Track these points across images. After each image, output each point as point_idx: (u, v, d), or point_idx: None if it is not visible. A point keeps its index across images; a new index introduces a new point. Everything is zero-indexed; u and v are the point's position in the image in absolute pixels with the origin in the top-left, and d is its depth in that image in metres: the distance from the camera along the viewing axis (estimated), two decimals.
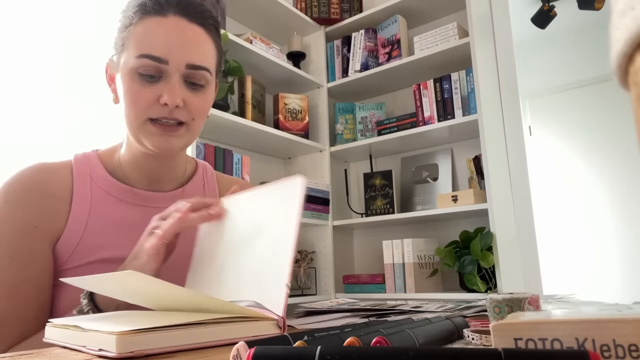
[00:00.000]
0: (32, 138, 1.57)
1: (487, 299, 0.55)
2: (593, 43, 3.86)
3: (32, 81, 1.59)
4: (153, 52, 0.70)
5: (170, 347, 0.45)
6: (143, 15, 0.72)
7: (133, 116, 0.72)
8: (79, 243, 0.74)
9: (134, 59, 0.70)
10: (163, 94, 0.70)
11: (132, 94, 0.71)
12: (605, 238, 3.72)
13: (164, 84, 0.71)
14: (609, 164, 3.75)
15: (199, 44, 0.73)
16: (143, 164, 0.79)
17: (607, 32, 0.20)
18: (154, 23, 0.71)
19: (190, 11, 0.73)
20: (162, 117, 0.72)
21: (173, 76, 0.71)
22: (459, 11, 2.35)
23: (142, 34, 0.71)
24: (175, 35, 0.71)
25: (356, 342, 0.35)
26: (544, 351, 0.28)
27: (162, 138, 0.73)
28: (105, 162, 0.81)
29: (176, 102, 0.70)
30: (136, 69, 0.70)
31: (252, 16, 2.34)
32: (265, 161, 2.48)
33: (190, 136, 0.76)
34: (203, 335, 0.47)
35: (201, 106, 0.75)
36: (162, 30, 0.71)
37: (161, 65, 0.70)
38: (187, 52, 0.71)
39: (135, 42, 0.71)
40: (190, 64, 0.72)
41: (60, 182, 0.76)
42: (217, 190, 0.90)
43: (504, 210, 1.97)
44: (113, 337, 0.42)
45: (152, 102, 0.71)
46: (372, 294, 2.22)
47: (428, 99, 2.22)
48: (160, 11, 0.71)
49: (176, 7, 0.72)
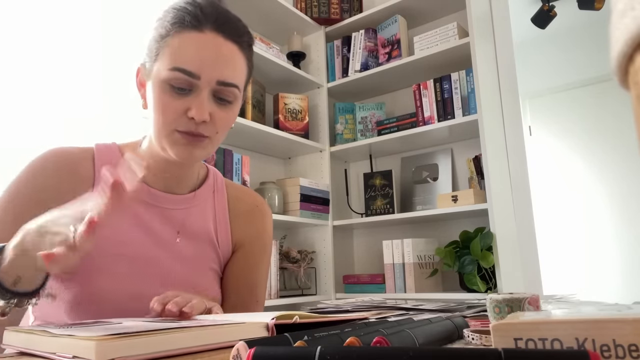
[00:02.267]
0: (31, 140, 1.57)
1: (487, 299, 0.55)
2: (593, 43, 3.86)
3: (32, 82, 1.60)
4: (186, 67, 0.71)
5: (154, 353, 0.42)
6: (180, 29, 0.73)
7: (161, 125, 0.73)
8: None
9: (167, 71, 0.71)
10: (192, 107, 0.72)
11: (161, 105, 0.73)
12: (605, 238, 3.72)
13: (193, 97, 0.72)
14: (609, 164, 3.75)
15: (232, 61, 0.74)
16: (162, 167, 0.81)
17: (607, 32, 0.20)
18: (191, 38, 0.72)
19: (227, 28, 0.74)
20: (189, 132, 0.73)
21: (203, 91, 0.72)
22: (459, 11, 2.35)
23: (177, 47, 0.72)
24: (210, 51, 0.72)
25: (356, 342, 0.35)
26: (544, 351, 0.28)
27: (185, 148, 0.74)
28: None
29: (203, 118, 0.72)
30: (168, 81, 0.72)
31: (252, 16, 2.34)
32: (265, 161, 2.48)
33: (212, 148, 0.78)
34: (188, 340, 0.44)
35: (227, 120, 0.76)
36: (198, 45, 0.72)
37: (193, 80, 0.71)
38: (219, 69, 0.72)
39: (170, 54, 0.72)
40: (221, 81, 0.73)
41: (85, 166, 0.78)
42: (225, 198, 0.91)
43: (504, 210, 1.97)
44: (92, 342, 0.38)
45: (180, 114, 0.72)
46: (372, 294, 2.22)
47: (428, 99, 2.22)
48: (197, 26, 0.72)
49: (214, 23, 0.73)
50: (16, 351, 0.49)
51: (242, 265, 0.89)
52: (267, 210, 0.96)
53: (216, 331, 0.47)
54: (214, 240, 0.86)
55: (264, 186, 2.18)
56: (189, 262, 0.82)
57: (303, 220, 2.21)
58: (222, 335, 0.47)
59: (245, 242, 0.90)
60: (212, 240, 0.86)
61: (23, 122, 1.55)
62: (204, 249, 0.85)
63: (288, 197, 2.24)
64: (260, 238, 0.92)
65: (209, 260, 0.85)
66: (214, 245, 0.86)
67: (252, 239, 0.91)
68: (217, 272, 0.88)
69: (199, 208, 0.85)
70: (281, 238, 2.27)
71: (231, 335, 0.48)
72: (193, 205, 0.85)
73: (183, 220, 0.83)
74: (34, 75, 1.59)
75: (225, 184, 0.94)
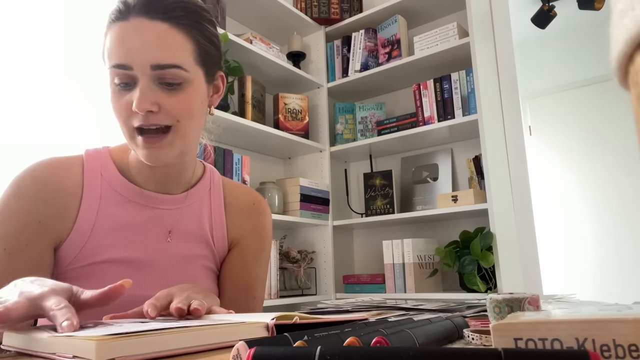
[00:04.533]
0: (46, 138, 1.58)
1: (487, 299, 0.55)
2: (593, 43, 3.86)
3: (44, 81, 1.60)
4: (118, 61, 0.68)
5: (154, 353, 0.41)
6: (111, 24, 0.70)
7: (122, 127, 0.72)
8: (86, 243, 0.74)
9: (109, 71, 0.70)
10: (133, 100, 0.69)
11: (113, 105, 0.71)
12: (605, 238, 3.72)
13: (135, 90, 0.69)
14: (609, 164, 3.75)
15: (162, 41, 0.69)
16: (147, 171, 0.79)
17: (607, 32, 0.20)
18: (118, 30, 0.69)
19: (152, 8, 0.69)
20: (142, 125, 0.70)
21: (141, 81, 0.69)
22: (459, 11, 2.35)
23: (109, 44, 0.70)
24: (134, 38, 0.68)
25: (356, 342, 0.35)
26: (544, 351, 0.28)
27: (150, 151, 0.71)
28: (116, 160, 0.80)
29: (145, 108, 0.68)
30: (113, 81, 0.70)
31: (252, 16, 2.34)
32: (265, 161, 2.48)
33: (182, 140, 0.73)
34: (188, 340, 0.44)
35: (182, 106, 0.71)
36: (123, 35, 0.69)
37: (128, 72, 0.68)
38: (149, 53, 0.68)
39: (107, 53, 0.70)
40: (155, 64, 0.68)
41: (72, 178, 0.76)
42: (222, 197, 0.90)
43: (504, 210, 1.97)
44: (92, 342, 0.38)
45: (129, 111, 0.70)
46: (372, 294, 2.22)
47: (428, 99, 2.22)
48: (123, 17, 0.69)
49: (138, 9, 0.69)
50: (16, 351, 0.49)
51: (238, 261, 0.88)
52: (265, 208, 0.94)
53: (216, 331, 0.47)
54: (209, 238, 0.85)
55: (264, 186, 2.18)
56: (183, 262, 0.82)
57: (303, 220, 2.21)
58: (222, 335, 0.47)
59: (241, 239, 0.89)
60: (207, 239, 0.85)
61: (35, 122, 1.56)
62: (198, 248, 0.84)
63: (288, 197, 2.24)
64: (258, 235, 0.91)
65: (203, 259, 0.85)
66: (209, 244, 0.85)
67: (249, 236, 0.90)
68: (213, 271, 0.87)
69: (193, 207, 0.84)
70: (281, 238, 2.27)
71: (231, 335, 0.48)
72: (187, 204, 0.84)
73: (176, 220, 0.82)
74: (47, 75, 1.59)
75: (223, 182, 0.92)
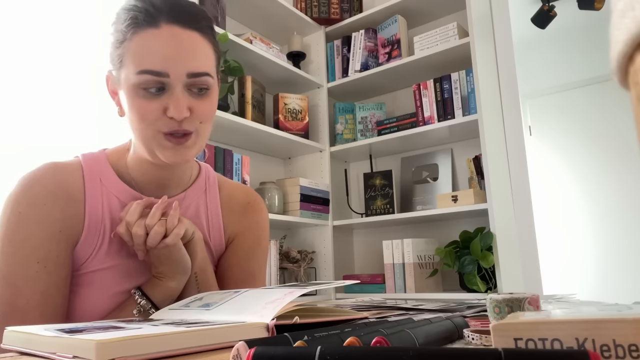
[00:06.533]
0: (65, 138, 1.57)
1: (487, 299, 0.55)
2: (593, 43, 3.86)
3: (66, 80, 1.60)
4: (152, 67, 0.68)
5: (154, 353, 0.42)
6: (136, 30, 0.69)
7: (144, 130, 0.71)
8: (99, 248, 0.74)
9: (135, 76, 0.69)
10: (169, 106, 0.69)
11: (138, 110, 0.70)
12: (605, 238, 3.71)
13: (168, 96, 0.70)
14: (609, 164, 3.75)
15: (197, 50, 0.71)
16: (151, 172, 0.79)
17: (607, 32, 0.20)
18: (148, 36, 0.69)
19: (183, 17, 0.71)
20: (176, 131, 0.71)
21: (176, 87, 0.70)
22: (459, 11, 2.35)
23: (138, 50, 0.69)
24: (172, 46, 0.69)
25: (356, 342, 0.35)
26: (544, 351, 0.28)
27: (175, 151, 0.72)
28: (114, 164, 0.80)
29: (183, 115, 0.70)
30: (139, 85, 0.69)
31: (252, 16, 2.34)
32: (265, 161, 2.48)
33: (202, 141, 0.75)
34: (188, 340, 0.44)
35: (208, 110, 0.74)
36: (158, 43, 0.69)
37: (162, 79, 0.69)
38: (186, 62, 0.70)
39: (133, 58, 0.69)
40: (191, 73, 0.70)
41: (76, 184, 0.75)
42: (217, 195, 0.90)
43: (504, 210, 1.97)
44: (92, 342, 0.39)
45: (159, 116, 0.70)
46: (372, 294, 2.22)
47: (428, 99, 2.22)
48: (152, 22, 0.69)
49: (168, 15, 0.70)
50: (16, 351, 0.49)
51: (233, 259, 0.89)
52: (261, 206, 0.94)
53: (216, 331, 0.47)
54: (206, 237, 0.86)
55: (264, 186, 2.18)
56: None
57: (303, 220, 2.21)
58: (222, 335, 0.47)
59: (237, 235, 0.90)
60: (204, 238, 0.85)
61: (57, 122, 1.57)
62: None
63: (288, 197, 2.24)
64: (254, 230, 0.91)
65: None
66: (207, 243, 0.86)
67: (244, 232, 0.90)
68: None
69: (190, 207, 0.85)
70: (281, 238, 2.27)
71: (231, 335, 0.48)
72: (184, 205, 0.84)
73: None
74: (68, 75, 1.59)
75: (219, 180, 0.92)
